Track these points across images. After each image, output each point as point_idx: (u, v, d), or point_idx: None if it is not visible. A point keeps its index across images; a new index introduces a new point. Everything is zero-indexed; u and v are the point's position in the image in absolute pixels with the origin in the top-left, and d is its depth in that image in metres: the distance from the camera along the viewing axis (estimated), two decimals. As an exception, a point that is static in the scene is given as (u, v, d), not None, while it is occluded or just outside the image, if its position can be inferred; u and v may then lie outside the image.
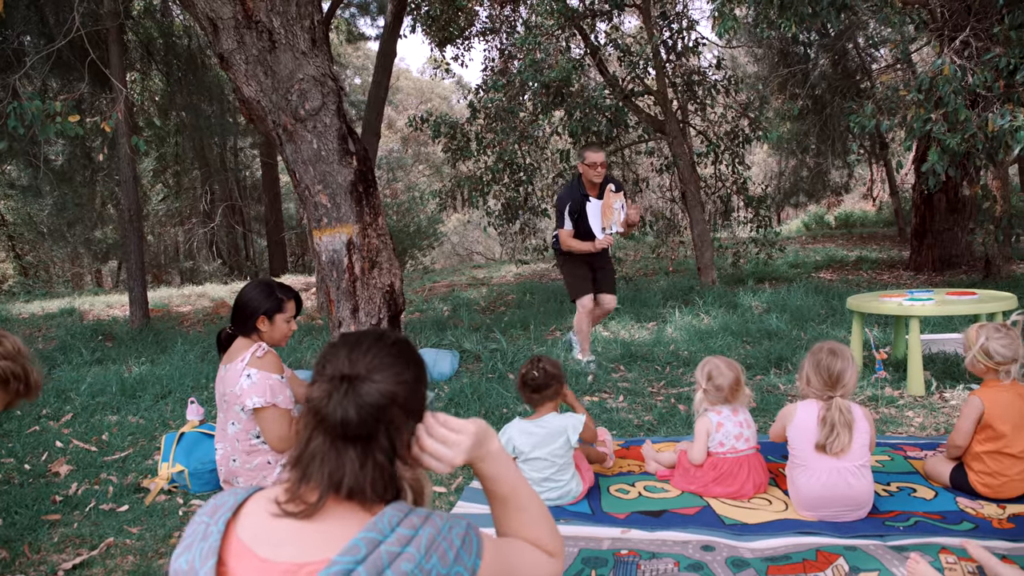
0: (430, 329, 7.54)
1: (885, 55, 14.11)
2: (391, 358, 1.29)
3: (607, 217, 5.65)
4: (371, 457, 1.23)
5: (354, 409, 1.22)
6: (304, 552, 1.17)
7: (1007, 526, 2.88)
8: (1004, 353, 3.08)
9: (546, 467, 3.24)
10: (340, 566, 1.11)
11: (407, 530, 1.17)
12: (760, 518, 3.06)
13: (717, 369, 3.35)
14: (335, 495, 1.22)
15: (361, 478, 1.21)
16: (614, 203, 5.61)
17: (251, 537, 1.21)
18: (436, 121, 9.55)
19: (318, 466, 1.22)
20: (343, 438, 1.22)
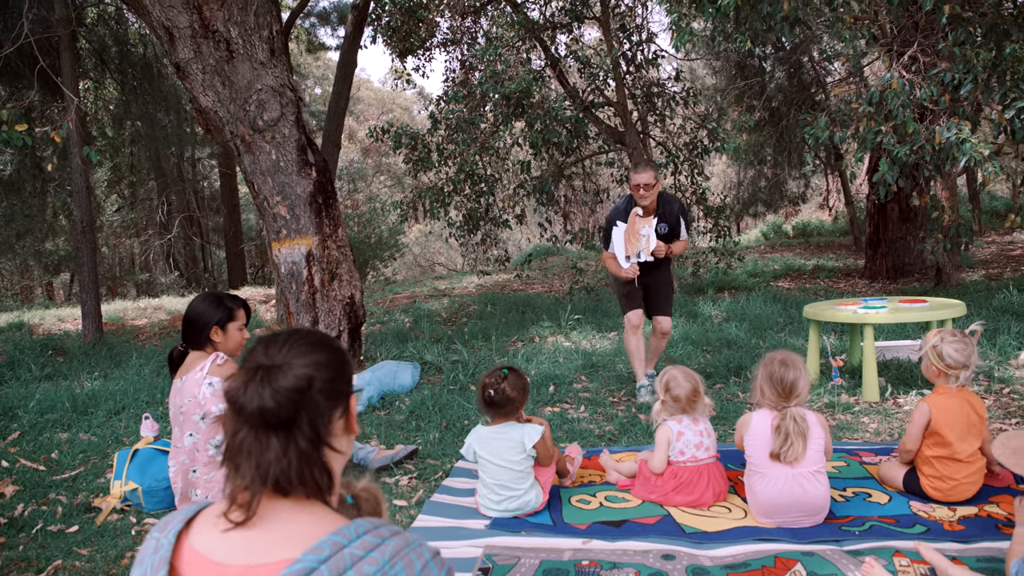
0: (391, 341, 7.50)
1: (838, 69, 14.44)
2: (307, 346, 1.29)
3: (631, 244, 5.09)
4: (293, 443, 1.21)
5: (270, 394, 1.21)
6: (259, 554, 1.17)
7: (957, 528, 2.95)
8: (956, 357, 3.15)
9: (503, 474, 3.24)
10: (303, 564, 1.11)
11: (374, 538, 1.17)
12: (720, 526, 3.09)
13: (675, 380, 3.39)
14: (272, 494, 1.21)
15: (285, 465, 1.20)
16: (641, 228, 5.05)
17: (204, 546, 1.21)
18: (397, 132, 9.54)
19: (245, 458, 1.21)
20: (264, 427, 1.21)
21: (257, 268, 22.55)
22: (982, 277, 10.05)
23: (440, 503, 3.45)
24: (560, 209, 11.54)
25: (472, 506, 3.39)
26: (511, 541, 3.00)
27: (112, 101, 13.88)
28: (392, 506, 3.46)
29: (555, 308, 9.28)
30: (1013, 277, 9.68)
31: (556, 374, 5.85)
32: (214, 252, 22.38)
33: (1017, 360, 5.43)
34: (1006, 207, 18.42)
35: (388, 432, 4.62)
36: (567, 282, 11.98)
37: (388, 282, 17.62)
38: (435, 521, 3.26)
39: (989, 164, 5.59)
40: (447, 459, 4.09)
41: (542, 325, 8.21)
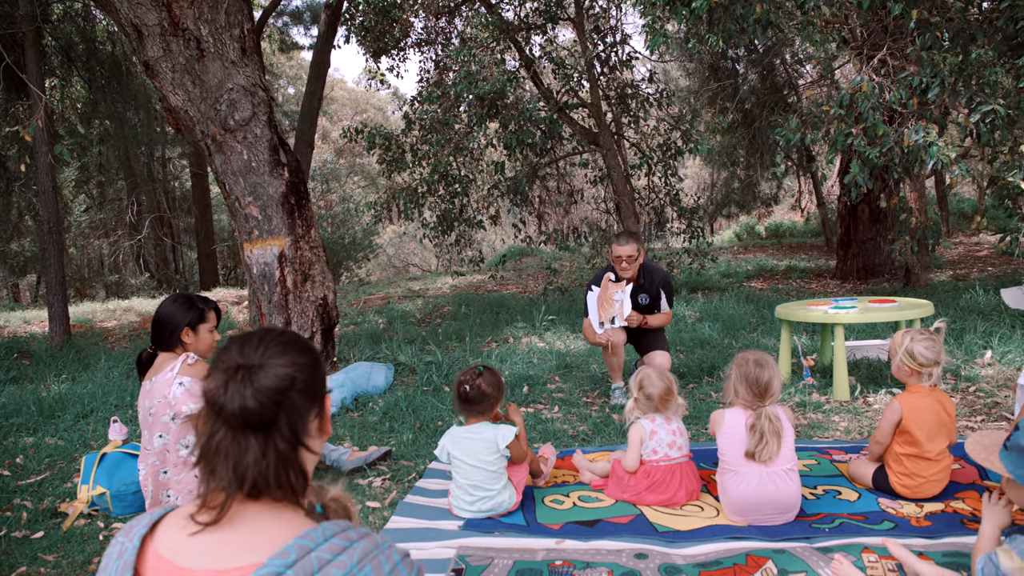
0: (365, 342, 7.47)
1: (810, 71, 14.61)
2: (282, 346, 1.28)
3: (604, 309, 4.95)
4: (272, 445, 1.21)
5: (252, 395, 1.20)
6: (226, 559, 1.16)
7: (924, 524, 3.00)
8: (927, 355, 3.21)
9: (476, 475, 3.24)
10: (270, 569, 1.10)
11: (342, 541, 1.16)
12: (692, 524, 3.11)
13: (648, 379, 3.41)
14: (245, 497, 1.20)
15: (264, 467, 1.19)
16: (614, 294, 4.92)
17: (170, 551, 1.20)
18: (371, 132, 9.51)
19: (222, 460, 1.20)
20: (243, 428, 1.20)
21: (229, 269, 22.34)
22: (950, 277, 10.22)
23: (413, 504, 3.45)
24: (534, 210, 11.56)
25: (445, 507, 3.39)
26: (484, 542, 3.01)
27: (80, 99, 13.67)
28: (365, 508, 3.44)
29: (529, 309, 9.29)
30: (979, 277, 9.86)
31: (530, 375, 5.86)
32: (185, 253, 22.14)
33: (983, 359, 5.52)
34: (973, 209, 18.75)
35: (361, 433, 4.60)
36: (541, 283, 12.01)
37: (362, 283, 17.54)
38: (408, 522, 3.25)
39: (956, 167, 5.69)
40: (421, 460, 4.09)
41: (516, 326, 8.22)
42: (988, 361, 5.47)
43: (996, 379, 5.06)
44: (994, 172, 6.20)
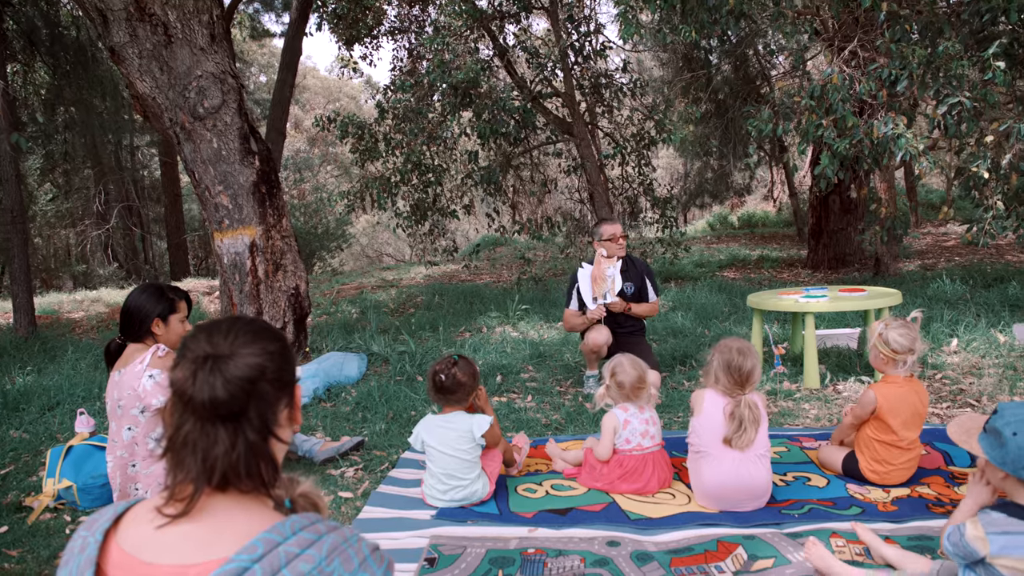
0: (338, 332, 7.43)
1: (782, 62, 14.72)
2: (252, 334, 1.26)
3: (598, 285, 4.97)
4: (242, 435, 1.19)
5: (221, 385, 1.18)
6: (191, 554, 1.14)
7: (891, 508, 3.05)
8: (901, 342, 3.25)
9: (451, 463, 3.24)
10: (236, 564, 1.09)
11: (310, 535, 1.15)
12: (664, 512, 3.14)
13: (621, 367, 3.43)
14: (213, 489, 1.18)
15: (234, 459, 1.18)
16: (606, 270, 4.96)
17: (134, 545, 1.17)
18: (343, 121, 9.44)
19: (190, 451, 1.18)
20: (213, 418, 1.18)
21: (200, 259, 22.08)
22: (918, 267, 10.38)
23: (386, 494, 3.44)
24: (508, 199, 11.51)
25: (418, 497, 3.39)
26: (457, 531, 3.01)
27: (43, 85, 13.40)
28: (338, 498, 3.43)
29: (503, 298, 9.30)
30: (947, 267, 10.02)
31: (503, 364, 5.87)
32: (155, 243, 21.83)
33: (949, 347, 5.62)
34: (941, 200, 19.03)
35: (334, 424, 4.58)
36: (515, 272, 12.01)
37: (335, 273, 17.43)
38: (381, 512, 3.24)
39: (924, 158, 5.77)
40: (393, 450, 4.08)
41: (490, 315, 8.23)
42: (954, 349, 5.57)
43: (961, 366, 5.15)
44: (961, 163, 6.29)
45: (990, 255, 10.93)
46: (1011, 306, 6.83)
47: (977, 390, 4.63)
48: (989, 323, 6.13)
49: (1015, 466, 2.04)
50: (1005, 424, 2.08)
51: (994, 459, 2.09)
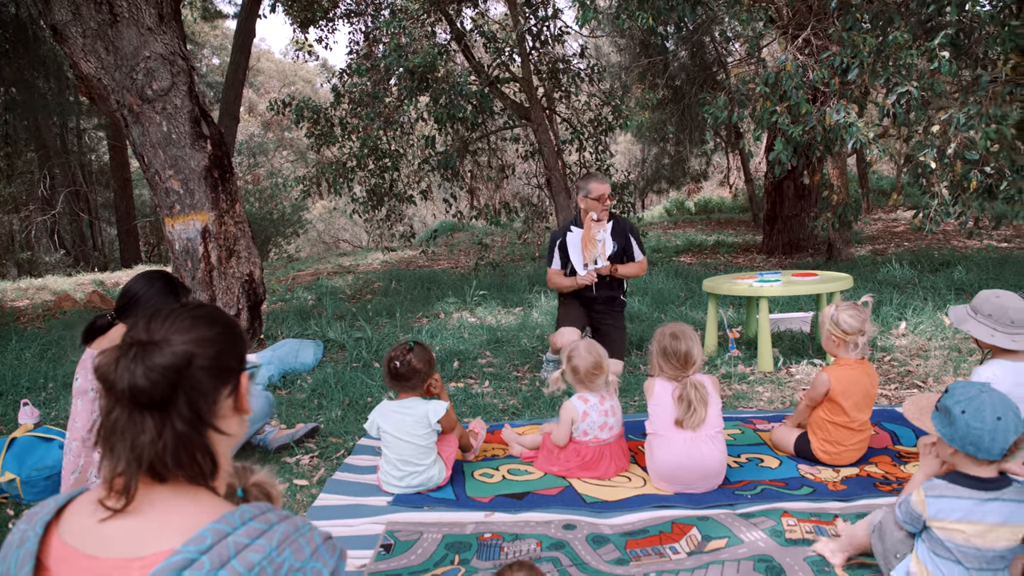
0: (293, 319, 7.34)
1: (739, 49, 14.86)
2: (190, 321, 1.23)
3: (588, 250, 4.91)
4: (169, 425, 1.16)
5: (142, 373, 1.15)
6: (136, 546, 1.11)
7: (840, 488, 3.12)
8: (852, 323, 3.32)
9: (406, 449, 3.23)
10: (183, 555, 1.06)
11: (260, 524, 1.13)
12: (619, 495, 3.17)
13: (577, 351, 3.42)
14: (153, 480, 1.16)
15: (160, 448, 1.15)
16: (596, 233, 4.89)
17: (76, 538, 1.14)
18: (299, 105, 9.31)
19: (119, 439, 1.15)
20: (139, 407, 1.15)
21: (152, 246, 21.62)
22: (869, 252, 10.61)
23: (342, 481, 3.42)
24: (466, 185, 11.50)
25: (374, 483, 3.37)
26: (413, 517, 3.01)
27: (-17, 65, 12.95)
28: (293, 485, 3.40)
29: (460, 284, 9.28)
30: (896, 252, 10.26)
31: (461, 350, 5.87)
32: (104, 229, 21.33)
33: (898, 330, 5.76)
34: (892, 186, 19.46)
35: (289, 411, 4.54)
36: (473, 258, 11.99)
37: (291, 259, 17.23)
38: (336, 499, 3.22)
39: (873, 146, 5.88)
40: (349, 437, 4.05)
41: (447, 301, 8.21)
42: (902, 332, 5.71)
43: (909, 349, 5.28)
44: (910, 151, 6.44)
45: (937, 240, 11.22)
46: (957, 290, 7.03)
47: (924, 371, 4.76)
48: (936, 306, 6.30)
49: (963, 442, 2.13)
50: (954, 403, 2.17)
51: (944, 435, 2.19)
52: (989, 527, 2.09)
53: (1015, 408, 2.12)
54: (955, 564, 2.12)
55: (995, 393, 2.14)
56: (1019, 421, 2.10)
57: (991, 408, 2.10)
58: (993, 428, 2.08)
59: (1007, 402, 2.13)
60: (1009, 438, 2.08)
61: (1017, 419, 2.10)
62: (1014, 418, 2.10)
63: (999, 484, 2.13)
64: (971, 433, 2.10)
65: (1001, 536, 2.09)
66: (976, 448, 2.10)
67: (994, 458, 2.11)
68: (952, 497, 2.13)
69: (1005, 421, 2.08)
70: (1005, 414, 2.09)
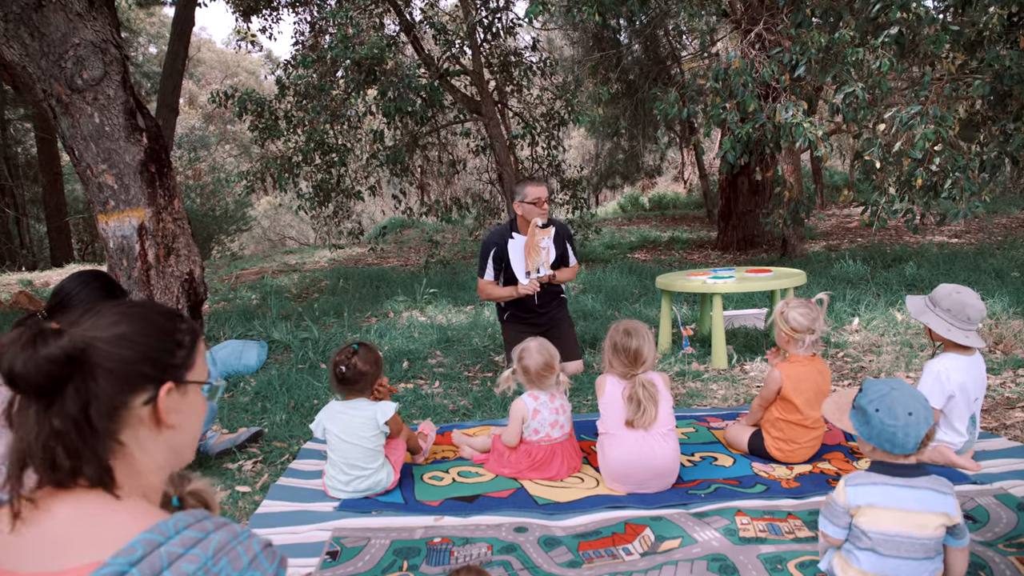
0: (236, 319, 7.23)
1: (692, 44, 15.04)
2: (117, 317, 1.18)
3: (532, 258, 4.82)
4: (48, 421, 1.10)
5: (25, 359, 1.08)
6: (59, 558, 1.06)
7: (794, 485, 3.19)
8: (800, 321, 3.39)
9: (353, 452, 3.20)
10: (112, 568, 1.02)
11: (196, 533, 1.09)
12: (572, 496, 3.18)
13: (528, 351, 3.43)
14: (81, 487, 1.11)
15: (35, 445, 1.09)
16: (540, 240, 4.79)
17: None
18: (242, 98, 9.15)
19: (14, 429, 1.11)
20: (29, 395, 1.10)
21: (86, 244, 21.04)
22: (823, 248, 10.84)
23: (286, 487, 3.37)
24: (415, 180, 11.42)
25: (320, 488, 3.33)
26: (361, 522, 2.98)
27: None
28: (234, 492, 3.34)
29: (410, 282, 9.24)
30: (850, 248, 10.50)
31: (410, 349, 5.84)
32: (33, 226, 20.68)
33: (851, 326, 5.90)
34: (846, 182, 19.90)
35: (231, 415, 4.46)
36: (423, 255, 11.94)
37: (234, 257, 16.95)
38: (281, 506, 3.18)
39: (822, 144, 6.00)
40: (294, 441, 4.00)
41: (397, 300, 8.17)
42: (855, 328, 5.85)
43: (862, 345, 5.41)
44: (859, 148, 6.61)
45: (889, 236, 11.52)
46: (908, 285, 7.22)
47: (877, 367, 4.88)
48: (888, 302, 6.46)
49: (879, 439, 2.23)
50: (868, 402, 2.27)
51: (862, 434, 2.29)
52: (905, 513, 2.18)
53: (924, 402, 2.23)
54: (871, 553, 2.20)
55: (905, 388, 2.25)
56: (929, 414, 2.21)
57: (902, 405, 2.20)
58: (905, 424, 2.18)
59: (917, 396, 2.23)
60: (921, 431, 2.19)
61: (927, 412, 2.21)
62: (924, 412, 2.20)
63: (915, 472, 2.23)
64: (886, 430, 2.20)
65: (916, 523, 2.17)
66: (892, 444, 2.21)
67: (909, 452, 2.21)
68: (870, 484, 2.23)
69: (916, 416, 2.19)
70: (916, 409, 2.19)
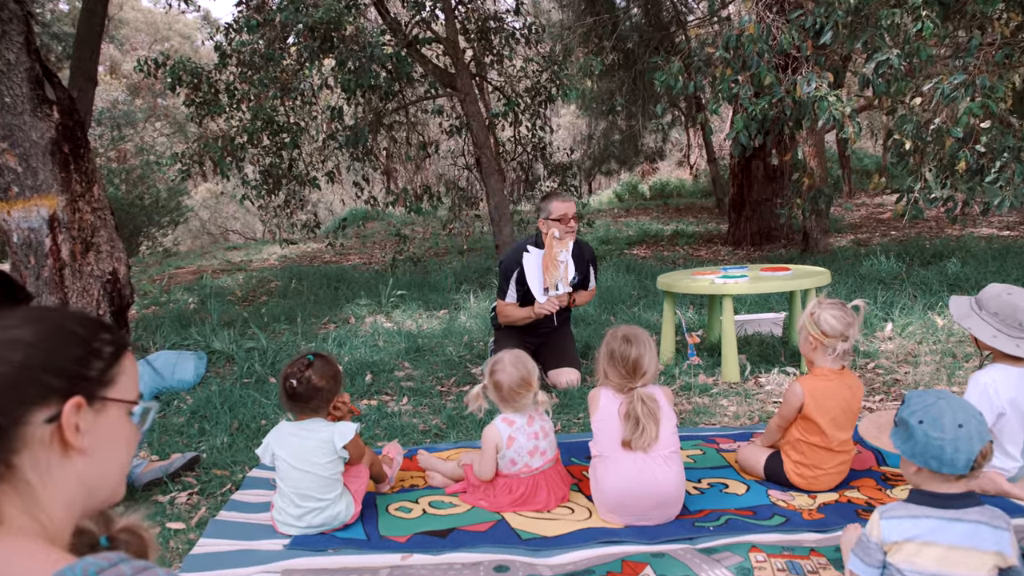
0: (170, 326, 7.20)
1: (700, 6, 15.11)
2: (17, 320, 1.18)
3: (550, 273, 4.93)
4: None
5: None
6: None
7: (817, 516, 3.19)
8: (834, 325, 3.32)
9: (306, 481, 3.17)
10: None
11: None
12: (561, 529, 3.17)
13: (501, 364, 3.39)
14: None
15: None
16: (558, 254, 4.90)
17: None
18: (175, 67, 9.09)
19: None
20: None
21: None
22: (851, 243, 10.92)
23: (228, 522, 3.34)
24: (380, 165, 11.40)
25: (268, 523, 3.31)
26: (315, 562, 2.96)
27: None
28: (166, 530, 3.31)
29: (375, 283, 9.24)
30: (882, 242, 10.58)
31: (374, 360, 5.84)
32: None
33: (883, 332, 5.92)
34: (878, 166, 20.06)
35: (163, 438, 4.43)
36: (389, 252, 11.93)
37: (168, 254, 16.89)
38: (221, 545, 3.15)
39: (850, 122, 6.00)
40: (238, 468, 3.98)
41: (359, 303, 8.17)
42: (888, 334, 5.87)
43: (896, 354, 5.44)
44: (892, 126, 6.61)
45: (929, 229, 11.61)
46: (950, 285, 7.25)
47: (913, 380, 4.90)
48: (927, 305, 6.49)
49: (924, 457, 2.17)
50: (911, 413, 2.22)
51: (904, 452, 2.23)
52: (949, 549, 2.14)
53: (978, 415, 2.16)
54: None
55: (955, 399, 2.19)
56: (983, 429, 2.15)
57: (951, 415, 2.14)
58: (955, 437, 2.12)
59: (968, 408, 2.17)
60: (974, 447, 2.12)
61: (981, 426, 2.14)
62: (977, 425, 2.14)
63: (965, 501, 2.17)
64: (931, 445, 2.14)
65: (962, 562, 2.13)
66: (939, 462, 2.14)
67: (959, 472, 2.14)
68: (909, 517, 2.18)
69: (967, 428, 2.12)
70: (967, 421, 2.13)
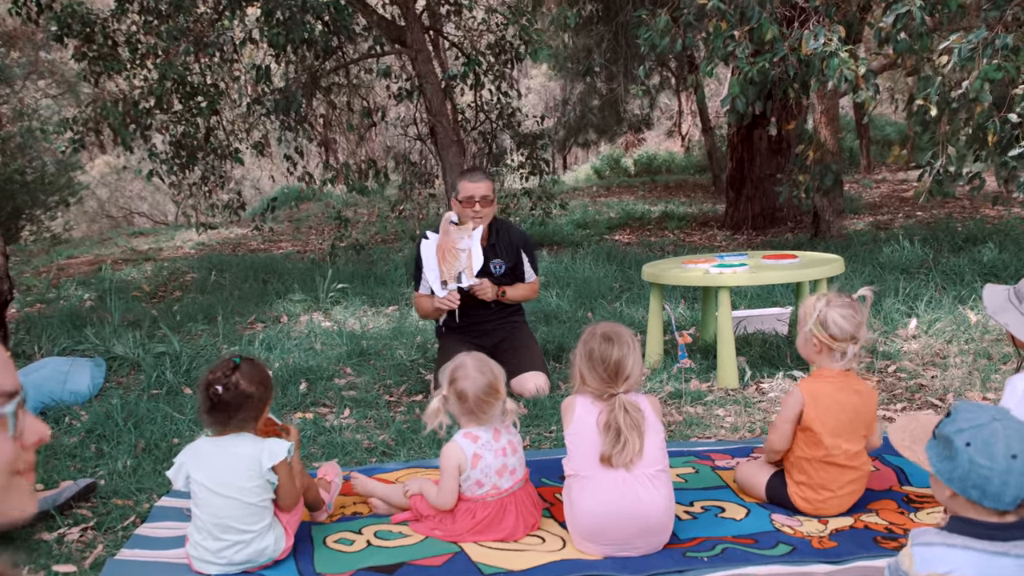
0: (60, 328, 7.12)
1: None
2: None
3: (448, 264, 4.92)
4: None
5: None
6: None
7: (828, 545, 3.21)
8: (843, 325, 3.34)
9: (228, 509, 3.14)
10: None
11: None
12: (530, 562, 3.18)
13: (463, 370, 3.39)
14: None
15: None
16: (458, 241, 4.88)
17: None
18: (62, 13, 8.94)
19: None
20: None
21: None
22: (869, 225, 11.02)
23: (131, 562, 3.31)
24: (316, 136, 11.34)
25: (182, 561, 3.29)
26: (238, 606, 2.95)
27: None
28: (51, 574, 3.28)
29: (311, 274, 9.20)
30: (905, 225, 10.68)
31: (310, 366, 5.82)
32: None
33: (906, 330, 5.97)
34: (901, 135, 20.20)
35: (51, 462, 4.38)
36: (328, 238, 11.88)
37: (57, 241, 16.72)
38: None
39: (864, 85, 6.00)
40: (144, 496, 3.94)
41: (292, 299, 8.15)
42: (912, 332, 5.92)
43: (922, 355, 5.49)
44: (914, 91, 6.62)
45: (961, 209, 11.71)
46: (985, 274, 7.27)
47: (941, 385, 4.94)
48: (957, 298, 6.54)
49: (964, 484, 2.15)
50: (957, 431, 2.18)
51: (940, 472, 2.21)
52: None
53: None
54: None
55: (1013, 422, 2.16)
56: None
57: (1005, 443, 2.10)
58: (1006, 469, 2.09)
59: None
60: None
61: None
62: None
63: (1012, 533, 2.15)
64: (976, 473, 2.12)
65: None
66: (981, 493, 2.12)
67: (1004, 508, 2.13)
68: (944, 546, 2.17)
69: (1022, 460, 2.09)
70: (1022, 452, 2.10)
